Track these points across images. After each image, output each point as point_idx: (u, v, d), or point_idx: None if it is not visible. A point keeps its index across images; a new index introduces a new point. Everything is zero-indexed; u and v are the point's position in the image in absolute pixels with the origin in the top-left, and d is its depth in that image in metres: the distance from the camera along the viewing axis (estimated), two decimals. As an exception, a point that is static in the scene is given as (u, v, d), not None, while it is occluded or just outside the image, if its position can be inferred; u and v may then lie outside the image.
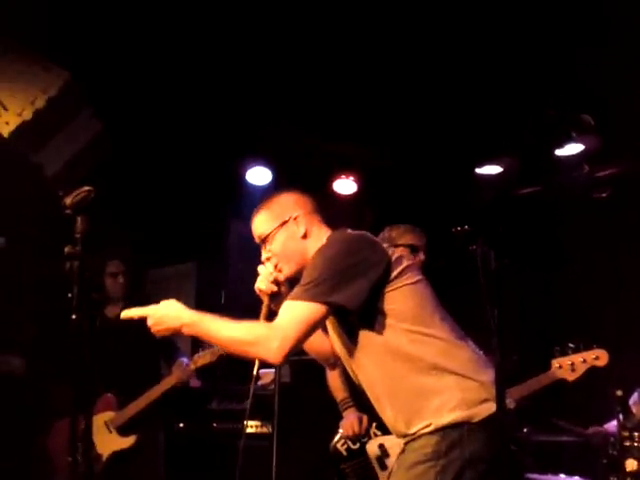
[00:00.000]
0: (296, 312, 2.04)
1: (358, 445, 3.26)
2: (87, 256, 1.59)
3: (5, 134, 3.69)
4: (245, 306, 4.22)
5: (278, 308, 2.22)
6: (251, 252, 5.73)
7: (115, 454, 3.77)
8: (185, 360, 3.84)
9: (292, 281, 2.29)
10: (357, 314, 2.08)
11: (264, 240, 2.33)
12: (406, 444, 2.12)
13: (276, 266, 2.31)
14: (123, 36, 4.01)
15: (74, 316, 1.56)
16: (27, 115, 3.72)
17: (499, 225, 1.84)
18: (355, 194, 5.28)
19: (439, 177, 4.96)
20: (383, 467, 3.19)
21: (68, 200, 1.64)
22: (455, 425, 2.01)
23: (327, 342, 2.41)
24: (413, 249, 3.40)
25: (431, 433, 2.03)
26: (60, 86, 3.76)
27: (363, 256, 2.10)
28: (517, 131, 4.48)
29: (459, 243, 1.94)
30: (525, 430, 3.61)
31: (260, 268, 2.36)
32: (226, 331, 2.09)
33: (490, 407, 2.03)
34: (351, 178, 5.20)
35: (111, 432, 3.79)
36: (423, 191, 5.05)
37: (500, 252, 1.81)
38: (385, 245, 2.23)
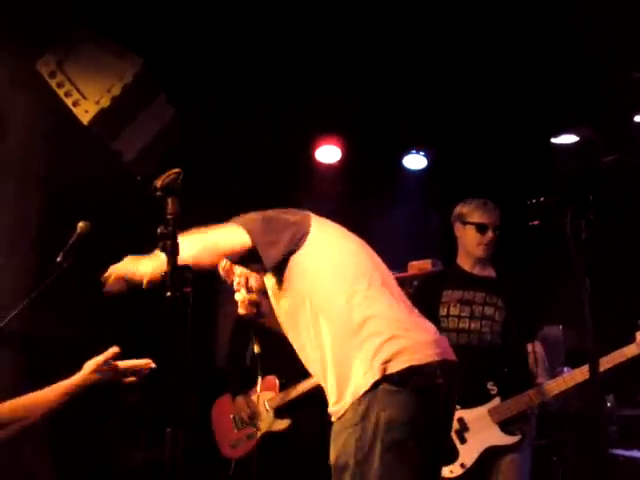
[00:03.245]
0: (229, 229, 2.19)
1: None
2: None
3: (85, 122, 3.78)
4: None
5: (268, 323, 2.34)
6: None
7: (269, 434, 3.83)
8: None
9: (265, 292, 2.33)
10: (282, 271, 2.16)
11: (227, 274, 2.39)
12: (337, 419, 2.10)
13: (246, 286, 2.35)
14: (193, 20, 4.07)
15: (168, 294, 1.62)
16: (105, 102, 3.79)
17: (588, 194, 1.80)
18: (426, 169, 5.24)
19: (513, 148, 4.86)
20: (463, 441, 3.20)
21: (158, 182, 1.69)
22: (368, 390, 1.98)
23: None
24: (481, 228, 3.35)
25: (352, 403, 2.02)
26: (135, 73, 3.82)
27: (284, 218, 2.24)
28: (594, 98, 4.34)
29: (548, 213, 1.91)
30: (609, 404, 3.54)
31: (236, 296, 2.38)
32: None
33: (401, 363, 1.98)
34: (421, 153, 5.16)
35: (268, 412, 3.84)
36: (497, 163, 4.96)
37: (590, 222, 1.77)
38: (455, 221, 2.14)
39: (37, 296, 3.23)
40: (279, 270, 2.21)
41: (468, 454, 3.18)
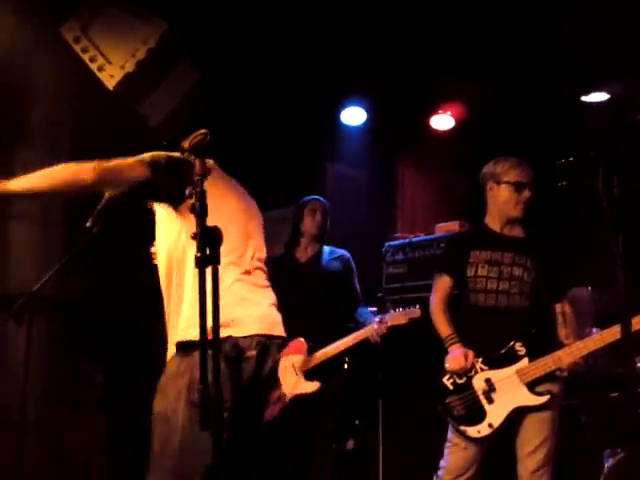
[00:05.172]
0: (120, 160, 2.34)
1: (464, 379, 3.27)
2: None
3: (111, 87, 3.77)
4: (343, 245, 4.30)
5: None
6: (347, 192, 5.78)
7: (297, 397, 3.84)
8: (378, 318, 3.85)
9: None
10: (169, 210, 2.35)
11: None
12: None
13: None
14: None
15: (198, 254, 1.63)
16: (130, 67, 3.76)
17: (620, 150, 1.76)
18: (453, 129, 5.17)
19: (542, 107, 4.77)
20: (490, 401, 3.21)
21: (186, 143, 1.70)
22: (189, 344, 2.24)
23: None
24: (519, 186, 3.31)
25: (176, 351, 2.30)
26: (159, 36, 3.79)
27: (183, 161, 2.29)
28: (626, 54, 4.22)
29: (577, 173, 1.88)
30: (639, 364, 3.52)
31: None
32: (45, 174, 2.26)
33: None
34: (448, 113, 5.08)
35: (297, 375, 3.86)
36: (526, 122, 4.87)
37: (623, 178, 1.74)
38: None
39: (67, 262, 3.28)
40: (166, 211, 2.40)
41: (496, 414, 3.19)
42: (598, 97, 4.47)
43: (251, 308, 2.38)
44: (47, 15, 3.76)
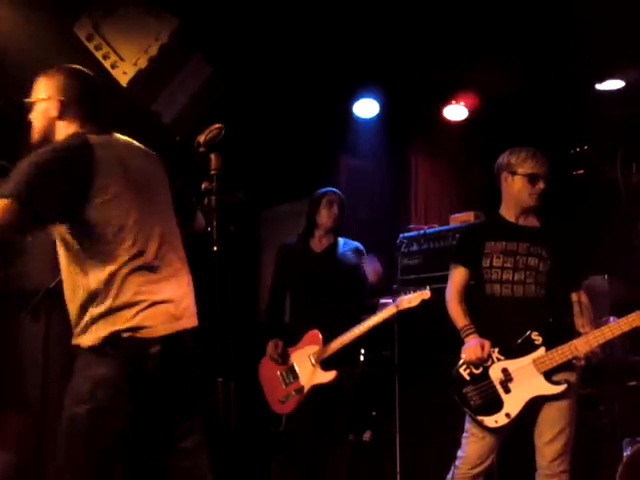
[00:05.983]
0: None
1: (481, 370, 3.27)
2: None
3: (124, 83, 3.81)
4: (357, 238, 4.31)
5: None
6: (360, 185, 5.77)
7: (316, 387, 3.86)
8: (390, 302, 3.85)
9: None
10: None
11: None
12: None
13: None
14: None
15: (215, 248, 1.64)
16: (142, 63, 3.80)
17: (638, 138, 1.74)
18: (466, 120, 5.14)
19: (556, 96, 4.73)
20: (507, 391, 3.21)
21: (201, 138, 1.70)
22: (94, 347, 2.24)
23: None
24: (533, 178, 3.30)
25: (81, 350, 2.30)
26: (171, 32, 3.82)
27: (63, 168, 2.19)
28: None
29: (593, 162, 1.87)
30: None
31: None
32: None
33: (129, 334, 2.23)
34: (462, 103, 5.06)
35: (314, 366, 3.88)
36: (539, 112, 4.83)
37: None
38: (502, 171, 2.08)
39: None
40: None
41: (513, 404, 3.19)
42: (613, 85, 4.42)
43: (156, 311, 2.30)
44: (61, 14, 3.78)
